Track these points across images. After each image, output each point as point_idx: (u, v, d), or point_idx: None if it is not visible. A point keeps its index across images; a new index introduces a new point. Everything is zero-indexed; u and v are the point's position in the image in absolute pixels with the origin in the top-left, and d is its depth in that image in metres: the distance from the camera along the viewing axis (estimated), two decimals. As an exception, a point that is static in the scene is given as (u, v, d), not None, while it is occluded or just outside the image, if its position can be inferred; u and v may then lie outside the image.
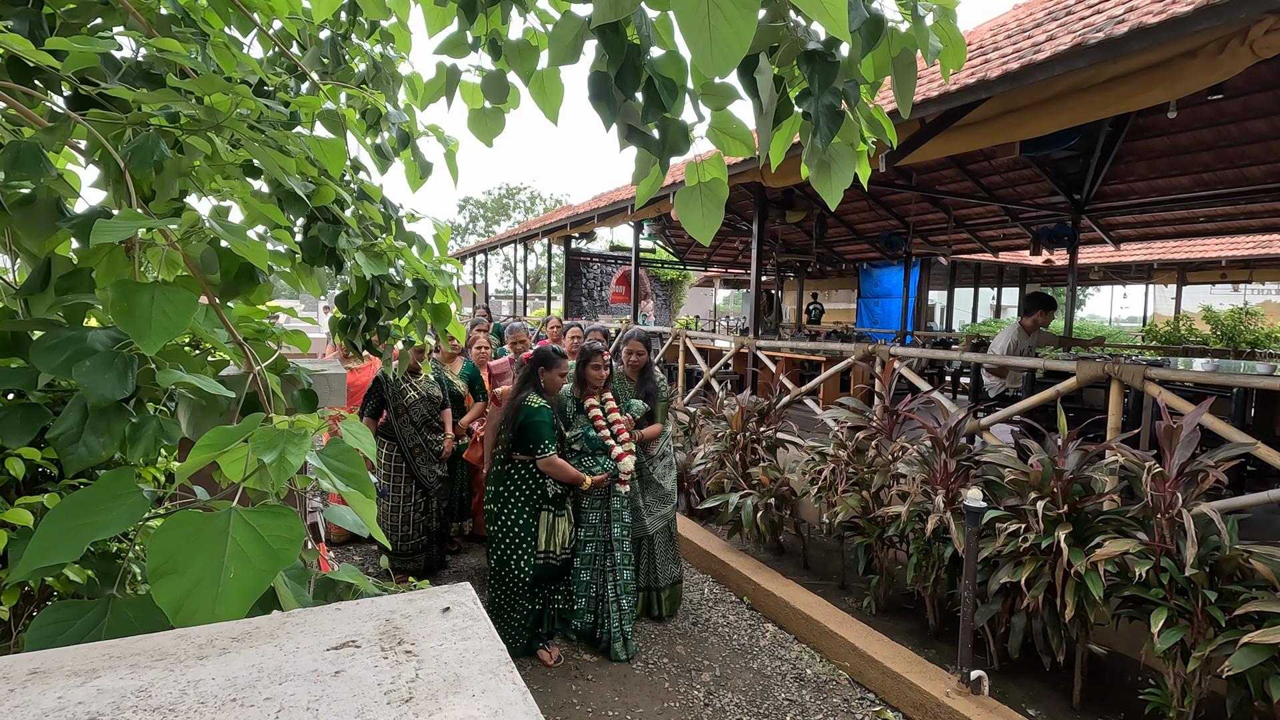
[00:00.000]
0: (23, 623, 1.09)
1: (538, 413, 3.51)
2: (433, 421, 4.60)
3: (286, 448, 0.80)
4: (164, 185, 0.99)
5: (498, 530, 3.62)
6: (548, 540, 3.62)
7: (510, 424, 3.57)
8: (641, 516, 4.04)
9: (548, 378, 3.65)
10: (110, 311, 0.81)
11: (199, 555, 0.72)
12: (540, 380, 3.65)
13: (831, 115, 1.04)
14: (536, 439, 3.47)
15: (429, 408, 4.55)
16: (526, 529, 3.58)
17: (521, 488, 3.61)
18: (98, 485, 0.79)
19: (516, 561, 3.58)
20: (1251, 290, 19.81)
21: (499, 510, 3.62)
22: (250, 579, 0.73)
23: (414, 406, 4.49)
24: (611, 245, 19.52)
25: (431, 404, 4.56)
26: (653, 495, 4.11)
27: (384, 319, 1.64)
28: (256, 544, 0.75)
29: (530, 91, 1.31)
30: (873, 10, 1.04)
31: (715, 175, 1.18)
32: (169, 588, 0.71)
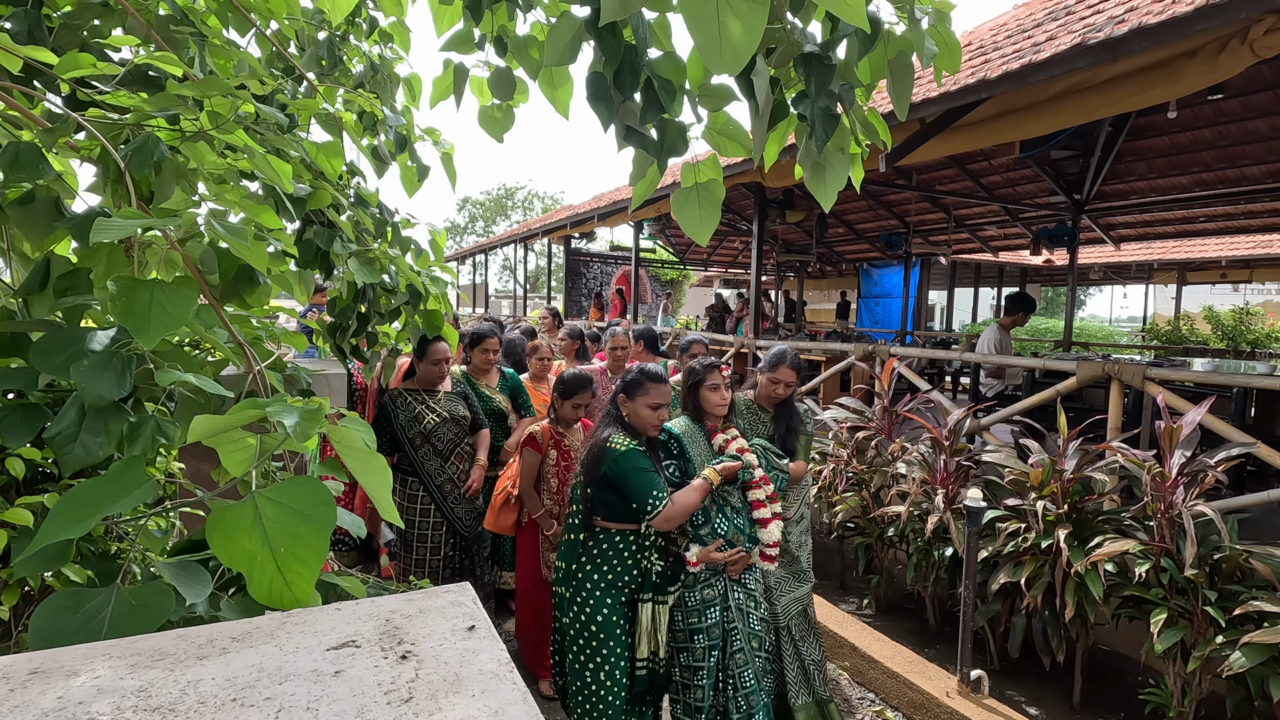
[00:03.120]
0: (23, 623, 1.09)
1: (627, 458, 2.40)
2: (462, 447, 3.55)
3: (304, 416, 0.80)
4: (163, 186, 0.99)
5: (572, 625, 2.51)
6: (650, 640, 2.49)
7: (590, 478, 2.49)
8: (771, 598, 2.91)
9: (631, 409, 2.53)
10: (109, 307, 0.81)
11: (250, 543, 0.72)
12: (623, 413, 2.56)
13: (827, 118, 1.05)
14: (641, 492, 2.36)
15: (454, 431, 3.51)
16: (614, 628, 2.45)
17: (607, 569, 2.48)
18: (108, 475, 0.78)
19: (602, 672, 2.44)
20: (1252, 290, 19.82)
21: (573, 598, 2.51)
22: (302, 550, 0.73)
23: (436, 433, 3.46)
24: (611, 245, 19.53)
25: (458, 426, 3.53)
26: (784, 569, 2.98)
27: (373, 324, 1.63)
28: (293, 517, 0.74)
29: (540, 86, 1.30)
30: (869, 12, 1.04)
31: (711, 176, 1.18)
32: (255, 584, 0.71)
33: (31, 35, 1.09)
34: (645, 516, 2.37)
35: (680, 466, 2.63)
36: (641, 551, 2.52)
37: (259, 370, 1.04)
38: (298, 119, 1.33)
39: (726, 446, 2.64)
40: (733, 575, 2.61)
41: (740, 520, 2.60)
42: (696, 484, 2.45)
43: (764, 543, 2.60)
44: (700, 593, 2.58)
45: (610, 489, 2.45)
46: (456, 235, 39.71)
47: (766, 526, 2.59)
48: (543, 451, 3.25)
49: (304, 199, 1.30)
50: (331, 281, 1.49)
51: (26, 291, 1.01)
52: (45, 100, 1.04)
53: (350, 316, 1.56)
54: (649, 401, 2.49)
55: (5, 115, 1.00)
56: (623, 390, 2.56)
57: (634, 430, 2.52)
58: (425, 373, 3.45)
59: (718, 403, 2.66)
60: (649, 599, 2.51)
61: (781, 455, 2.82)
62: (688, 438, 2.66)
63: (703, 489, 2.44)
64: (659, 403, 2.50)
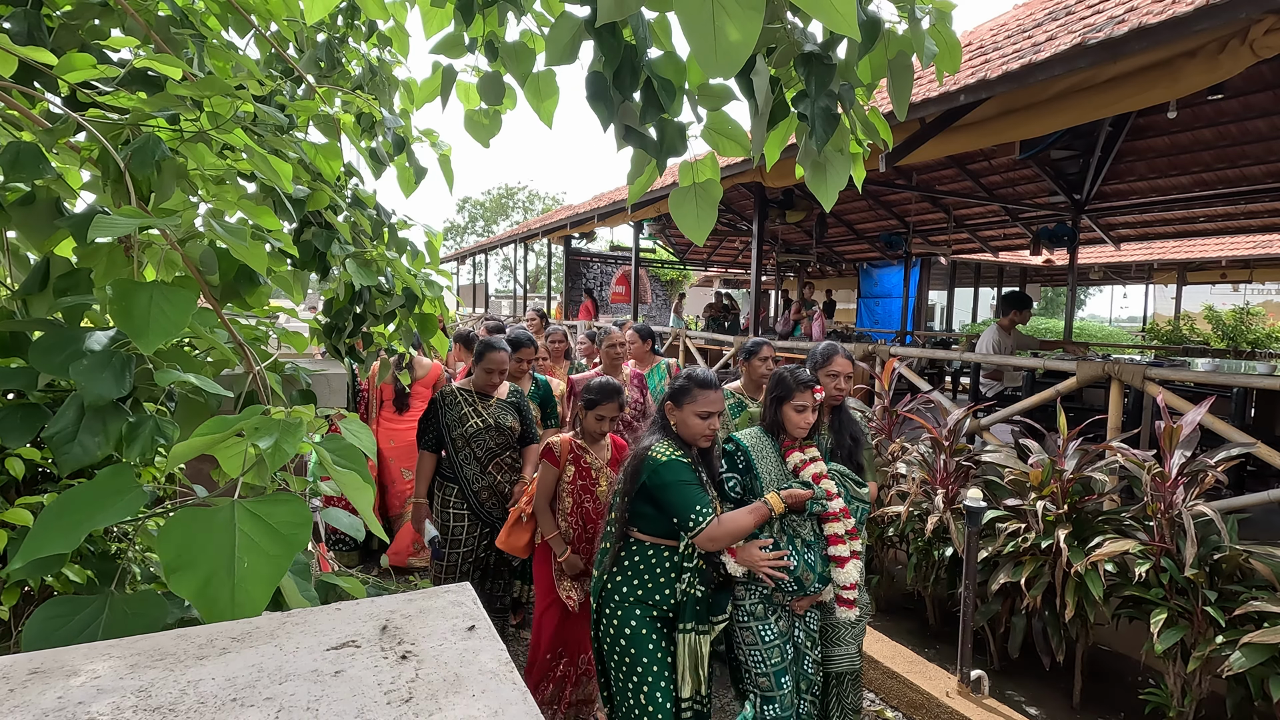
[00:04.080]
0: (22, 622, 1.09)
1: (668, 469, 2.18)
2: (503, 457, 3.41)
3: (282, 435, 0.80)
4: (163, 186, 0.99)
5: (604, 639, 2.33)
6: (692, 677, 2.26)
7: (630, 487, 2.28)
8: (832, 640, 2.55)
9: (679, 418, 2.29)
10: (109, 310, 0.81)
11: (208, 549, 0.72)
12: (670, 422, 2.32)
13: (827, 118, 1.05)
14: (682, 506, 2.13)
15: (497, 440, 3.36)
16: (646, 641, 2.24)
17: (638, 583, 2.26)
18: (96, 481, 0.79)
19: (642, 694, 2.22)
20: (1252, 290, 19.83)
21: (601, 609, 2.33)
22: (265, 568, 0.73)
23: (477, 438, 3.34)
24: (611, 245, 19.54)
25: (502, 435, 3.37)
26: None
27: (369, 325, 1.63)
28: (266, 533, 0.74)
29: (525, 94, 1.31)
30: (870, 12, 1.04)
31: (709, 176, 1.18)
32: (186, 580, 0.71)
33: (31, 35, 1.09)
34: (686, 533, 2.15)
35: (744, 483, 2.36)
36: (678, 571, 2.28)
37: (259, 370, 1.04)
38: (296, 120, 1.33)
39: (802, 469, 2.33)
40: (797, 610, 2.35)
41: (812, 556, 2.27)
42: (753, 506, 2.18)
43: (839, 584, 2.28)
44: (775, 625, 2.32)
45: (648, 500, 2.25)
46: (456, 235, 39.72)
47: (844, 566, 2.27)
48: (560, 466, 2.93)
49: (302, 200, 1.30)
50: (328, 282, 1.49)
51: (26, 292, 1.01)
52: (46, 99, 1.04)
53: (347, 318, 1.56)
54: (698, 409, 2.25)
55: (5, 115, 1.00)
56: (670, 397, 2.34)
57: (682, 440, 2.29)
58: (478, 377, 3.38)
59: (801, 425, 2.35)
60: (689, 628, 2.25)
61: (861, 483, 2.43)
62: (757, 452, 2.37)
63: (759, 514, 2.15)
64: (709, 410, 2.25)
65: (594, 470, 2.95)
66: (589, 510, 2.91)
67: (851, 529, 2.31)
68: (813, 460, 2.34)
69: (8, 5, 1.12)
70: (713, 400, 2.26)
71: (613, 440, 3.05)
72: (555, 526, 2.93)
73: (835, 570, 2.29)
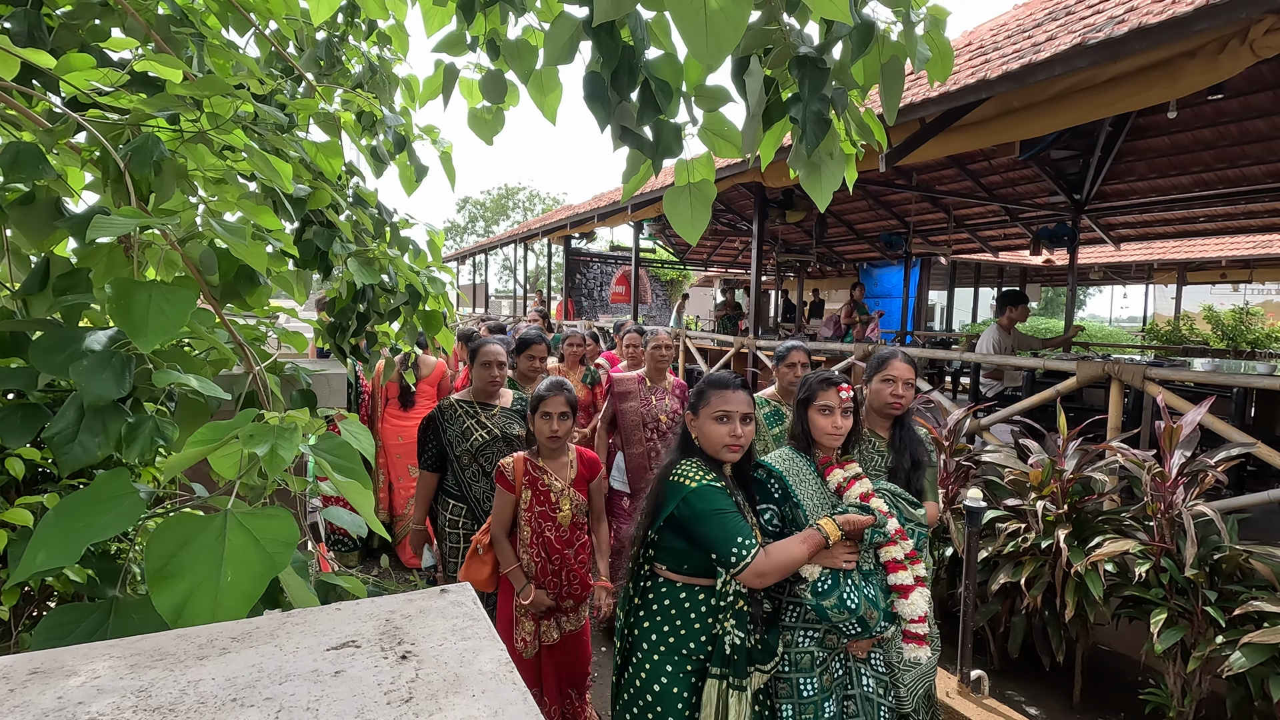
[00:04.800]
0: (22, 623, 1.09)
1: (701, 496, 1.88)
2: None
3: (278, 442, 0.80)
4: (163, 186, 0.99)
5: (625, 691, 2.04)
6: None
7: (652, 517, 1.99)
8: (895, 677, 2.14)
9: (698, 428, 1.99)
10: (108, 309, 0.81)
11: (196, 559, 0.73)
12: (692, 435, 2.03)
13: (818, 122, 1.05)
14: (721, 539, 1.83)
15: (507, 452, 2.93)
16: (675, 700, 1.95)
17: (669, 630, 1.97)
18: (93, 487, 0.79)
19: None
20: (1252, 290, 19.82)
21: (626, 658, 2.05)
22: (248, 582, 0.73)
23: (484, 452, 3.01)
24: (611, 245, 19.55)
25: (511, 447, 3.01)
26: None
27: (372, 324, 1.62)
28: (252, 547, 0.75)
29: (529, 91, 1.31)
30: (864, 15, 1.04)
31: (704, 176, 1.18)
32: (168, 592, 0.71)
33: (31, 35, 1.09)
34: (728, 569, 1.84)
35: (782, 513, 2.06)
36: (715, 613, 1.96)
37: (258, 370, 1.04)
38: (296, 119, 1.33)
39: (848, 489, 2.02)
40: (857, 653, 2.06)
41: (872, 590, 1.95)
42: (805, 534, 1.89)
43: (906, 618, 1.98)
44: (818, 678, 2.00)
45: (678, 533, 1.94)
46: (457, 235, 39.72)
47: (908, 597, 1.97)
48: (515, 490, 2.57)
49: (303, 199, 1.30)
50: (330, 281, 1.49)
51: (26, 292, 1.01)
52: (46, 99, 1.04)
53: (350, 316, 1.56)
54: (713, 411, 1.95)
55: (5, 115, 1.00)
56: (690, 407, 2.05)
57: (709, 458, 1.98)
58: (478, 378, 3.09)
59: (828, 431, 2.05)
60: (719, 674, 1.92)
61: (916, 503, 2.13)
62: (793, 476, 2.06)
63: (813, 543, 1.87)
64: (724, 410, 1.94)
65: (553, 494, 2.58)
66: (551, 540, 2.55)
67: (911, 552, 2.01)
68: (856, 478, 2.04)
69: (8, 5, 1.12)
70: (731, 400, 1.95)
71: (580, 455, 2.71)
72: (515, 558, 2.59)
73: (899, 602, 1.98)
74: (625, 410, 3.77)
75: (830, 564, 1.93)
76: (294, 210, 1.26)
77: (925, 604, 1.99)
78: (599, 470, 2.74)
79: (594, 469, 2.70)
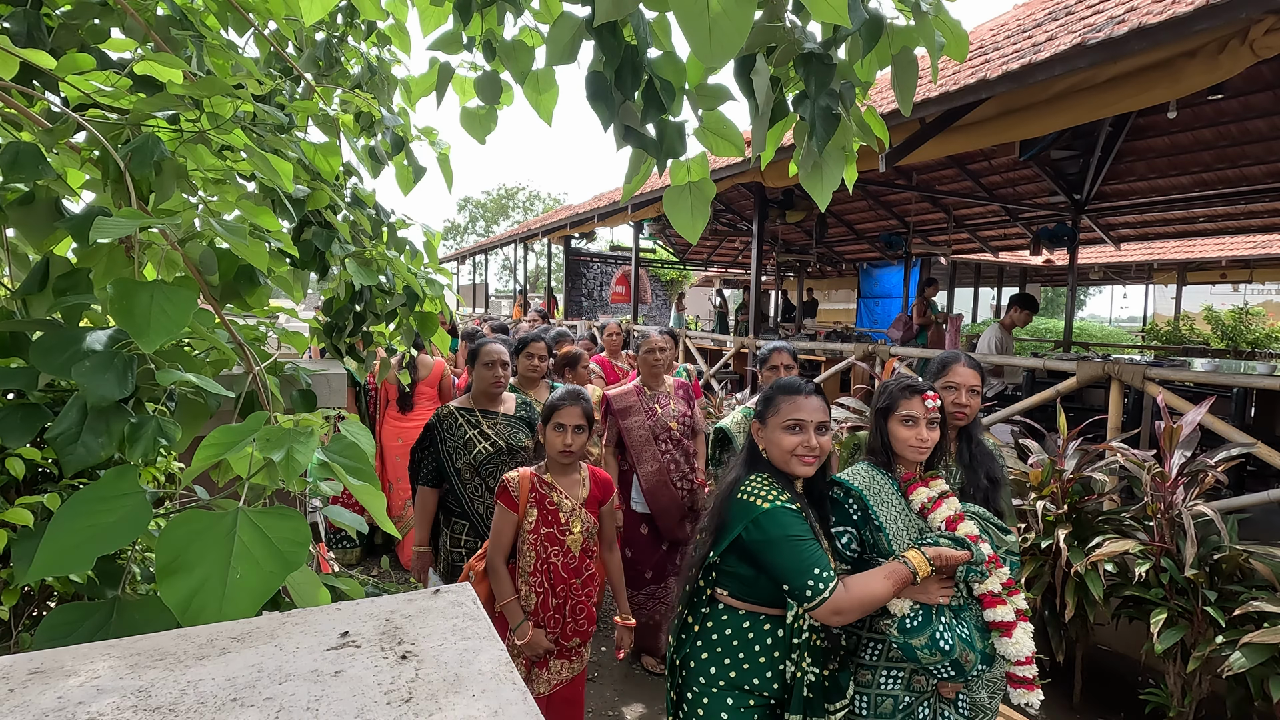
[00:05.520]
0: (22, 623, 1.09)
1: (774, 519, 1.67)
2: None
3: (294, 446, 0.80)
4: (163, 186, 0.99)
5: None
6: None
7: (715, 538, 1.78)
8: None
9: (766, 439, 1.80)
10: (110, 310, 0.81)
11: (206, 554, 0.72)
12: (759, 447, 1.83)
13: (827, 118, 1.05)
14: (795, 569, 1.63)
15: (511, 464, 2.73)
16: None
17: (730, 663, 1.77)
18: (100, 484, 0.79)
19: None
20: (1251, 290, 19.83)
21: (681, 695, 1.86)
22: (258, 581, 0.73)
23: (487, 465, 2.78)
24: (611, 245, 19.54)
25: (516, 459, 2.79)
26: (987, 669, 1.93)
27: (369, 324, 1.62)
28: (264, 545, 0.74)
29: (524, 92, 1.31)
30: (872, 10, 1.04)
31: (700, 175, 1.18)
32: (176, 586, 0.71)
33: (30, 35, 1.09)
34: (802, 604, 1.63)
35: (861, 537, 1.85)
36: (784, 647, 1.75)
37: (258, 371, 1.04)
38: (295, 119, 1.33)
39: (933, 509, 1.80)
40: (945, 694, 1.86)
41: (966, 629, 1.73)
42: (890, 569, 1.67)
43: (1010, 659, 1.76)
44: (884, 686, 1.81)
45: (744, 558, 1.73)
46: (457, 235, 39.73)
47: (1012, 635, 1.75)
48: (519, 510, 2.29)
49: (302, 199, 1.30)
50: (327, 281, 1.49)
51: (26, 292, 1.01)
52: (46, 99, 1.04)
53: (347, 317, 1.56)
54: (783, 419, 1.75)
55: (5, 115, 1.00)
56: (756, 415, 1.86)
57: (779, 473, 1.76)
58: (480, 379, 2.84)
59: (913, 444, 1.85)
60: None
61: (1005, 528, 1.91)
62: (874, 495, 1.85)
63: (898, 579, 1.65)
64: (796, 418, 1.74)
65: (562, 513, 2.32)
66: (557, 568, 2.29)
67: (1008, 581, 1.79)
68: (943, 497, 1.82)
69: (8, 5, 1.12)
70: (803, 407, 1.76)
71: (593, 474, 2.46)
72: (512, 590, 2.30)
73: (1001, 641, 1.76)
74: (630, 427, 3.44)
75: (922, 599, 1.70)
76: (293, 210, 1.26)
77: (1031, 642, 1.77)
78: (611, 492, 2.51)
79: (606, 490, 2.47)
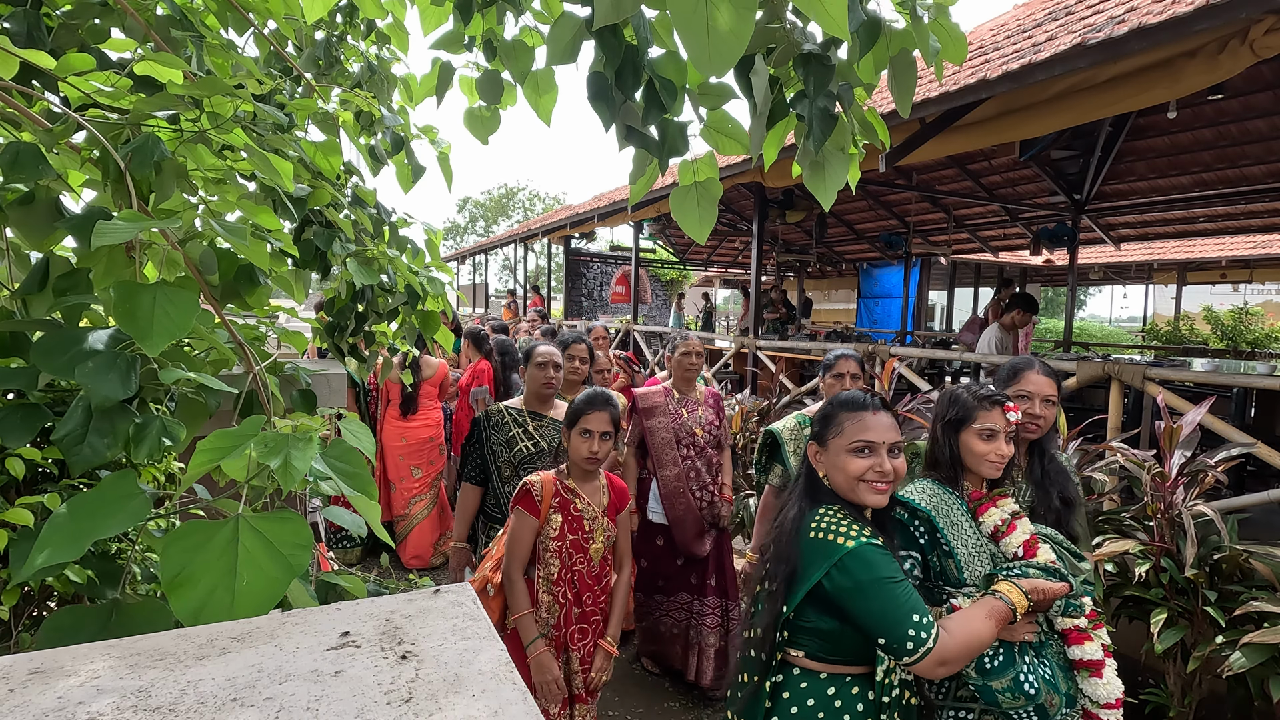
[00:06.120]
0: (22, 623, 1.09)
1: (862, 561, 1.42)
2: None
3: (291, 452, 0.80)
4: (163, 186, 0.99)
5: None
6: None
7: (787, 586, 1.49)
8: None
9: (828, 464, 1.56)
10: (112, 313, 0.81)
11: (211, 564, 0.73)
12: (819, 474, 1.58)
13: (825, 118, 1.05)
14: (894, 619, 1.38)
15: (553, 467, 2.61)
16: None
17: None
18: (100, 488, 0.79)
19: None
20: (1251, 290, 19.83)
21: None
22: (264, 586, 0.73)
23: (528, 464, 2.75)
24: (611, 245, 19.54)
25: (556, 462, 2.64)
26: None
27: (371, 324, 1.62)
28: (267, 551, 0.75)
29: (524, 92, 1.31)
30: (870, 12, 1.04)
31: (709, 175, 1.18)
32: (185, 598, 0.72)
33: (31, 36, 1.09)
34: (902, 657, 1.38)
35: (927, 563, 1.65)
36: (873, 711, 1.48)
37: (258, 371, 1.04)
38: (295, 118, 1.33)
39: (1007, 533, 1.60)
40: None
41: (1048, 669, 1.56)
42: (990, 606, 1.46)
43: (1098, 700, 1.62)
44: None
45: (827, 609, 1.46)
46: (457, 235, 39.73)
47: (1102, 675, 1.60)
48: (540, 515, 2.18)
49: (303, 199, 1.30)
50: (329, 281, 1.49)
51: (26, 292, 1.01)
52: (46, 99, 1.04)
53: (348, 316, 1.56)
54: (848, 441, 1.51)
55: (5, 115, 1.00)
56: (814, 437, 1.61)
57: (845, 502, 1.52)
58: (532, 381, 2.83)
59: (991, 460, 1.65)
60: None
61: (1079, 554, 1.70)
62: (943, 516, 1.65)
63: (1000, 617, 1.45)
64: (865, 440, 1.50)
65: (586, 519, 2.22)
66: (582, 575, 2.21)
67: (1092, 614, 1.61)
68: (1015, 517, 1.63)
69: (8, 5, 1.12)
70: (873, 426, 1.52)
71: (610, 481, 2.39)
72: (528, 603, 2.15)
73: (1090, 682, 1.60)
74: (653, 428, 3.35)
75: (1004, 635, 1.51)
76: (294, 210, 1.26)
77: (1120, 683, 1.63)
78: (628, 500, 2.43)
79: (623, 499, 2.40)
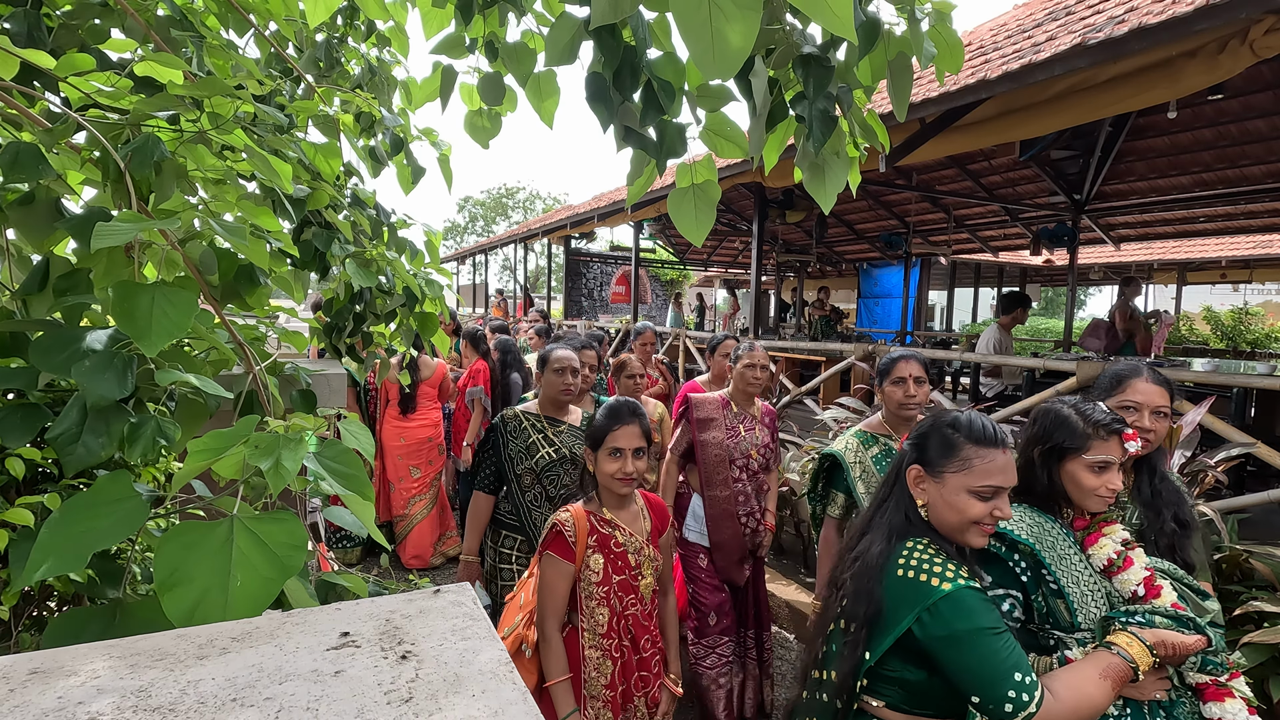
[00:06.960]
0: (22, 623, 1.09)
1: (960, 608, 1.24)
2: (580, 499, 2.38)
3: (282, 453, 0.80)
4: (163, 186, 0.99)
5: None
6: None
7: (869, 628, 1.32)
8: None
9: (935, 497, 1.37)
10: (111, 313, 0.81)
11: (204, 565, 0.73)
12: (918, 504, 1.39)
13: (825, 120, 1.05)
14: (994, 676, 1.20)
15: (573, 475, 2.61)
16: None
17: None
18: (94, 489, 0.79)
19: None
20: (1251, 290, 19.84)
21: None
22: (258, 586, 0.73)
23: (549, 472, 2.64)
24: (611, 245, 19.55)
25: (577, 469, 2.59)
26: None
27: (369, 325, 1.62)
28: (261, 551, 0.75)
29: (527, 94, 1.31)
30: (869, 14, 1.04)
31: (707, 177, 1.18)
32: (178, 599, 0.72)
33: (31, 36, 1.09)
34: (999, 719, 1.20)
35: (1030, 603, 1.46)
36: None
37: (258, 371, 1.04)
38: (295, 120, 1.33)
39: (1123, 568, 1.42)
40: None
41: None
42: (1105, 664, 1.27)
43: None
44: None
45: (914, 658, 1.30)
46: (457, 235, 39.72)
47: None
48: (576, 559, 1.81)
49: (302, 200, 1.30)
50: (327, 282, 1.49)
51: (26, 292, 1.01)
52: (46, 99, 1.04)
53: (347, 317, 1.56)
54: (975, 482, 1.31)
55: (5, 115, 1.00)
56: (919, 461, 1.40)
57: (946, 540, 1.35)
58: (549, 386, 2.72)
59: (1103, 494, 1.46)
60: None
61: (1204, 592, 1.50)
62: (1049, 550, 1.45)
63: (1118, 676, 1.26)
64: (993, 486, 1.31)
65: (631, 554, 1.87)
66: (637, 618, 1.85)
67: (1229, 661, 1.42)
68: (1128, 548, 1.44)
69: (8, 5, 1.12)
70: (1004, 469, 1.32)
71: (648, 502, 2.04)
72: (565, 666, 1.78)
73: None
74: (707, 442, 2.98)
75: (1131, 694, 1.34)
76: (293, 211, 1.26)
77: None
78: (669, 520, 2.09)
79: (664, 519, 2.06)
